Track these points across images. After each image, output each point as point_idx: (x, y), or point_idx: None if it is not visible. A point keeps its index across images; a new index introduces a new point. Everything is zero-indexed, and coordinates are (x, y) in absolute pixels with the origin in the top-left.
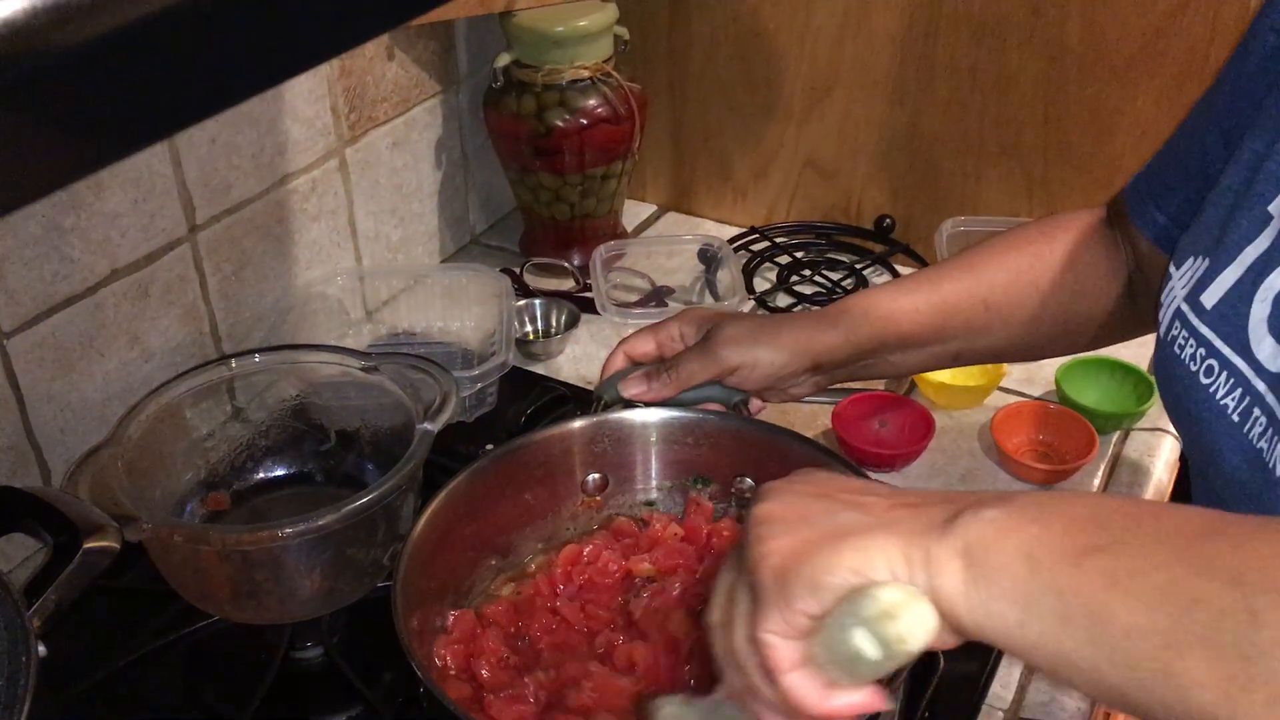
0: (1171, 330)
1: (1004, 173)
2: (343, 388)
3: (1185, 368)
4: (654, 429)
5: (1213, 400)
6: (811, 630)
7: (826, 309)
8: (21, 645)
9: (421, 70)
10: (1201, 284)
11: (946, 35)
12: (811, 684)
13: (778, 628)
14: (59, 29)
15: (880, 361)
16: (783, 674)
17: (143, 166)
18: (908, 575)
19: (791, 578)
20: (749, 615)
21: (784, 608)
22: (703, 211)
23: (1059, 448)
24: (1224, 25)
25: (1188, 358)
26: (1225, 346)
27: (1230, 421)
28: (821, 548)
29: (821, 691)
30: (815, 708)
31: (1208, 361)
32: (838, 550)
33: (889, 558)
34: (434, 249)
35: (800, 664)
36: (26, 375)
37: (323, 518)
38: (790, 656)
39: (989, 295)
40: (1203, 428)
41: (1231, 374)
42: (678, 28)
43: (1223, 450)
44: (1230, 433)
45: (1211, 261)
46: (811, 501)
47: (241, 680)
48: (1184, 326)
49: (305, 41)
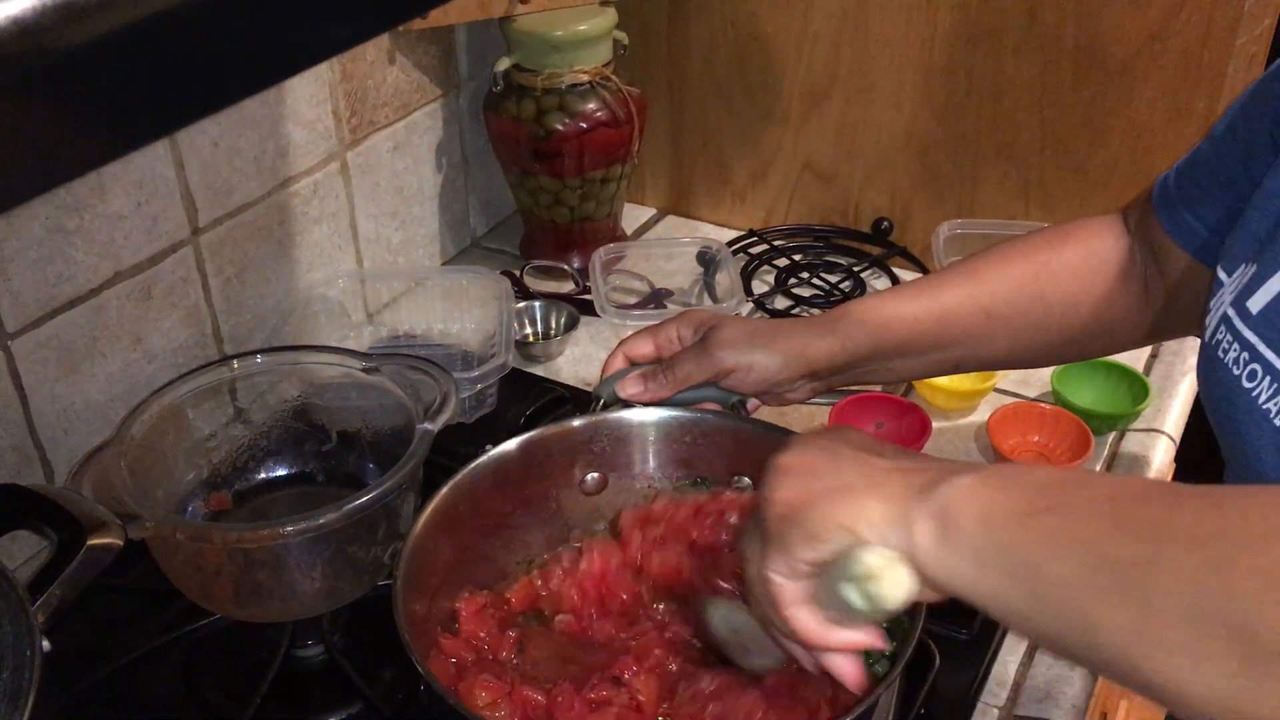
0: (1216, 335)
1: (1001, 175)
2: (344, 389)
3: (1229, 371)
4: (652, 428)
5: (1255, 405)
6: (813, 574)
7: (824, 315)
8: (26, 640)
9: (422, 74)
10: (1249, 289)
11: (943, 39)
12: (813, 619)
13: (781, 569)
14: (64, 27)
15: (878, 368)
16: (786, 607)
17: (145, 169)
18: (888, 535)
19: (792, 528)
20: (760, 554)
21: (785, 554)
22: (701, 214)
23: (1054, 449)
24: (1218, 28)
25: (1231, 361)
26: (1270, 351)
27: (1273, 426)
28: (819, 503)
29: (822, 627)
30: (816, 639)
31: (1251, 366)
32: (832, 507)
33: (874, 517)
34: (434, 252)
35: (803, 602)
36: (30, 376)
37: (324, 516)
38: (794, 594)
39: (990, 304)
40: (1242, 431)
41: (1275, 379)
42: (676, 32)
43: (1260, 454)
44: (1271, 437)
45: (1259, 268)
46: (822, 457)
47: (243, 678)
48: (1229, 331)
49: (305, 40)
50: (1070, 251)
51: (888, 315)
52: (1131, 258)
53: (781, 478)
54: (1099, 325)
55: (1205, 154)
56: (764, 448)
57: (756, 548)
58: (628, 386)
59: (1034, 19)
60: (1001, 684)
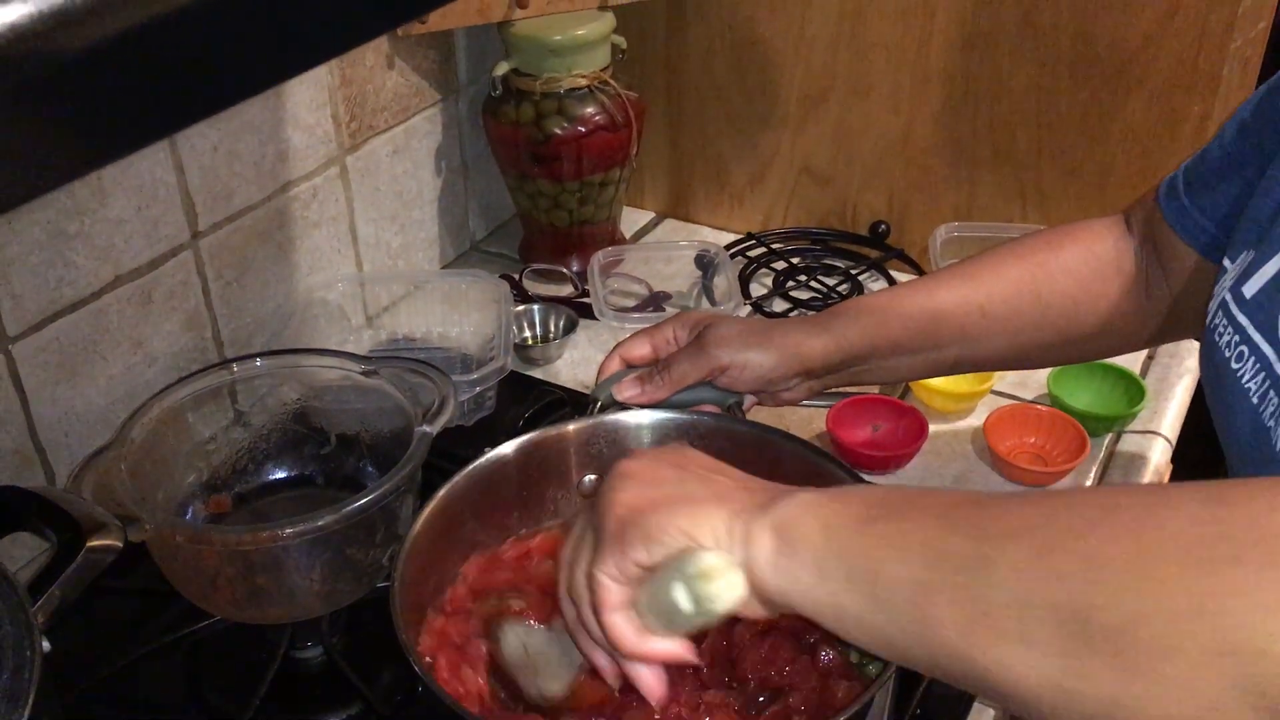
0: (1214, 320)
1: (997, 178)
2: (343, 392)
3: (1222, 354)
4: (649, 430)
5: (1239, 385)
6: (640, 580)
7: (818, 314)
8: (26, 640)
9: (421, 79)
10: (1245, 275)
11: (939, 43)
12: (630, 626)
13: (611, 571)
14: (62, 33)
15: (874, 366)
16: (607, 610)
17: (146, 173)
18: (728, 544)
19: (631, 529)
20: (590, 555)
21: (619, 554)
22: (700, 218)
23: (1051, 451)
24: (1213, 32)
25: (1224, 345)
26: (1257, 334)
27: (1252, 406)
28: (661, 507)
29: (638, 635)
30: (629, 646)
31: (1240, 348)
32: (674, 513)
33: (714, 526)
34: (434, 255)
35: (625, 607)
36: (31, 379)
37: (323, 518)
38: (618, 597)
39: (986, 303)
40: (1230, 413)
41: (1259, 359)
42: (674, 37)
43: (1242, 435)
44: (1249, 417)
45: (1256, 254)
46: (667, 468)
47: (242, 679)
48: (1225, 316)
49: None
50: (1068, 253)
51: (883, 313)
52: (1133, 260)
53: (624, 481)
54: (1098, 327)
55: (1215, 152)
56: (760, 449)
57: (586, 548)
58: (624, 389)
59: (1030, 23)
60: None
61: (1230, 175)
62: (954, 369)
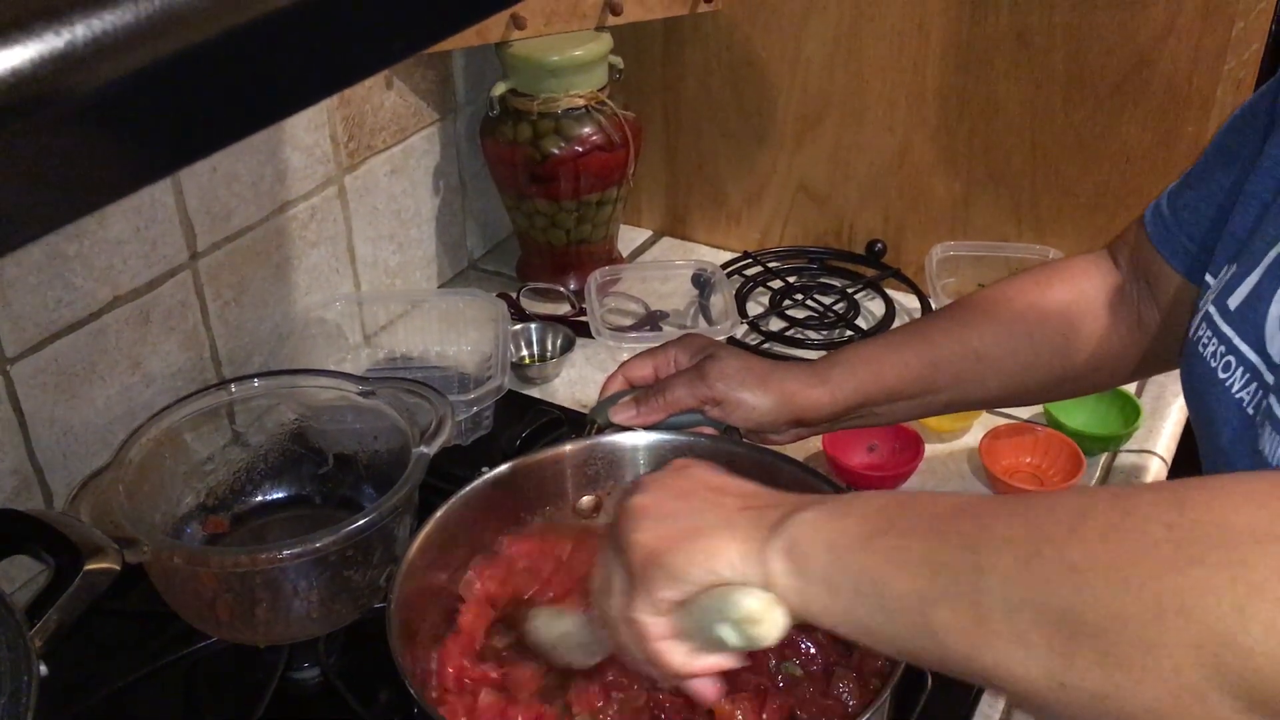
0: (1198, 331)
1: (993, 198)
2: (340, 412)
3: (1206, 364)
4: (645, 452)
5: (1228, 394)
6: (674, 610)
7: (818, 362)
8: (24, 664)
9: (419, 99)
10: (1229, 288)
11: (934, 63)
12: (679, 651)
13: (646, 610)
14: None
15: (867, 414)
16: (653, 641)
17: (144, 195)
18: (748, 571)
19: (654, 569)
20: (623, 595)
21: (648, 595)
22: (697, 237)
23: (1047, 470)
24: (1206, 54)
25: (1209, 355)
26: (1243, 344)
27: (1245, 415)
28: (678, 546)
29: (688, 658)
30: (683, 670)
31: (1226, 358)
32: (691, 549)
33: (731, 557)
34: (431, 274)
35: (669, 636)
36: (29, 400)
37: (320, 540)
38: (658, 630)
39: (980, 347)
40: (1215, 422)
41: (1247, 368)
42: (671, 57)
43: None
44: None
45: (1239, 266)
46: (675, 500)
47: (240, 700)
48: (1210, 327)
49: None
50: (1058, 291)
51: (879, 362)
52: (1121, 294)
53: (638, 521)
54: (1090, 364)
55: (1197, 173)
56: (757, 471)
57: (618, 589)
58: (620, 412)
59: (1024, 44)
60: (993, 706)
61: (1208, 187)
62: (946, 410)
